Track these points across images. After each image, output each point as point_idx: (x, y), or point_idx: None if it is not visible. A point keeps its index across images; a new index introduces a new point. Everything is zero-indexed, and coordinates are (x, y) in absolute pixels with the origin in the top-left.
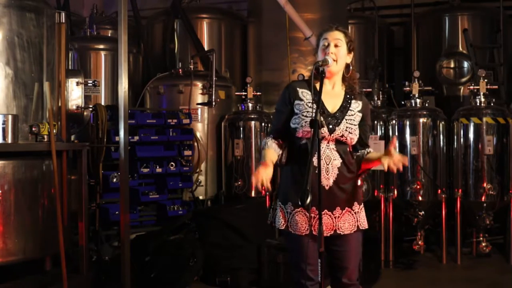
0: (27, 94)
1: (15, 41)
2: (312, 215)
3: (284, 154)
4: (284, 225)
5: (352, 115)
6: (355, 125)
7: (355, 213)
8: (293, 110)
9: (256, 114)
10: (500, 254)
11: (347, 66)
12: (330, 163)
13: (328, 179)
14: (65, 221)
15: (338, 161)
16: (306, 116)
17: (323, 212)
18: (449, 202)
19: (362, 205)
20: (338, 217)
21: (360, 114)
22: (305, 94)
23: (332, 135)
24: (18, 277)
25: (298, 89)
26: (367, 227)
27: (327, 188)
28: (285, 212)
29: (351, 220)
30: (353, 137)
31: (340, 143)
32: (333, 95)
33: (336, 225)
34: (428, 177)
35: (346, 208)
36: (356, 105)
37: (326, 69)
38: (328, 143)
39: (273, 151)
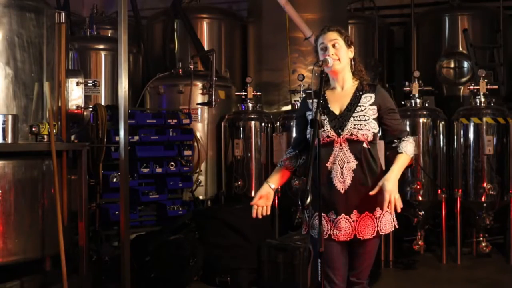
0: (27, 94)
1: (15, 41)
2: (330, 219)
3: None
4: (306, 230)
5: (362, 110)
6: (365, 120)
7: (375, 218)
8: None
9: (256, 114)
10: (500, 254)
11: (352, 60)
12: (344, 167)
13: (343, 183)
14: (65, 221)
15: (353, 163)
16: None
17: (340, 217)
18: (449, 202)
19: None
20: (357, 221)
21: (374, 107)
22: (314, 104)
23: (341, 136)
24: (18, 277)
25: (308, 100)
26: (388, 231)
27: (342, 191)
28: (306, 216)
29: (370, 225)
30: (365, 132)
31: (353, 142)
32: (341, 96)
33: (356, 230)
34: (428, 177)
35: (366, 212)
36: (367, 99)
37: (331, 70)
38: (340, 145)
39: (280, 176)
